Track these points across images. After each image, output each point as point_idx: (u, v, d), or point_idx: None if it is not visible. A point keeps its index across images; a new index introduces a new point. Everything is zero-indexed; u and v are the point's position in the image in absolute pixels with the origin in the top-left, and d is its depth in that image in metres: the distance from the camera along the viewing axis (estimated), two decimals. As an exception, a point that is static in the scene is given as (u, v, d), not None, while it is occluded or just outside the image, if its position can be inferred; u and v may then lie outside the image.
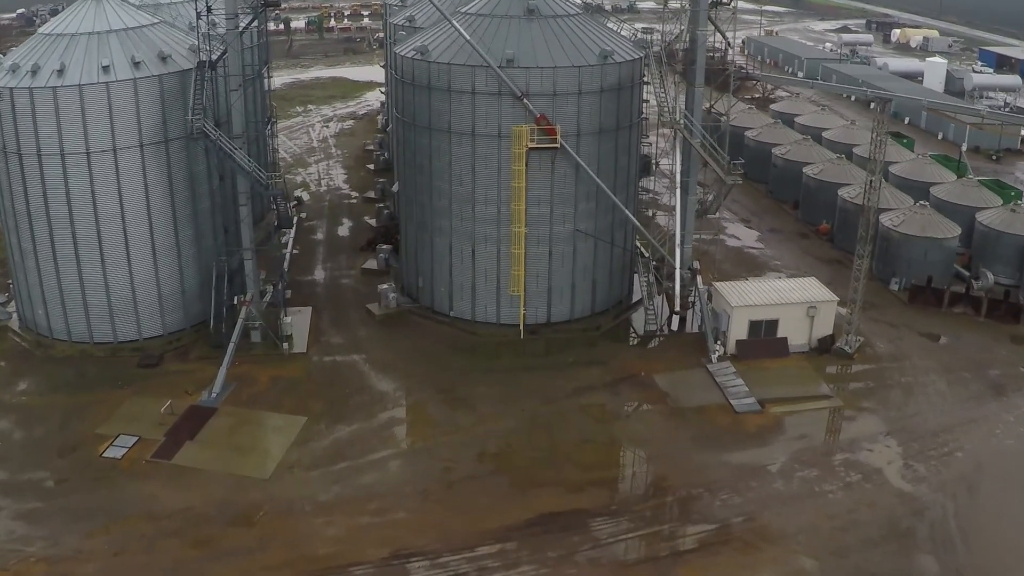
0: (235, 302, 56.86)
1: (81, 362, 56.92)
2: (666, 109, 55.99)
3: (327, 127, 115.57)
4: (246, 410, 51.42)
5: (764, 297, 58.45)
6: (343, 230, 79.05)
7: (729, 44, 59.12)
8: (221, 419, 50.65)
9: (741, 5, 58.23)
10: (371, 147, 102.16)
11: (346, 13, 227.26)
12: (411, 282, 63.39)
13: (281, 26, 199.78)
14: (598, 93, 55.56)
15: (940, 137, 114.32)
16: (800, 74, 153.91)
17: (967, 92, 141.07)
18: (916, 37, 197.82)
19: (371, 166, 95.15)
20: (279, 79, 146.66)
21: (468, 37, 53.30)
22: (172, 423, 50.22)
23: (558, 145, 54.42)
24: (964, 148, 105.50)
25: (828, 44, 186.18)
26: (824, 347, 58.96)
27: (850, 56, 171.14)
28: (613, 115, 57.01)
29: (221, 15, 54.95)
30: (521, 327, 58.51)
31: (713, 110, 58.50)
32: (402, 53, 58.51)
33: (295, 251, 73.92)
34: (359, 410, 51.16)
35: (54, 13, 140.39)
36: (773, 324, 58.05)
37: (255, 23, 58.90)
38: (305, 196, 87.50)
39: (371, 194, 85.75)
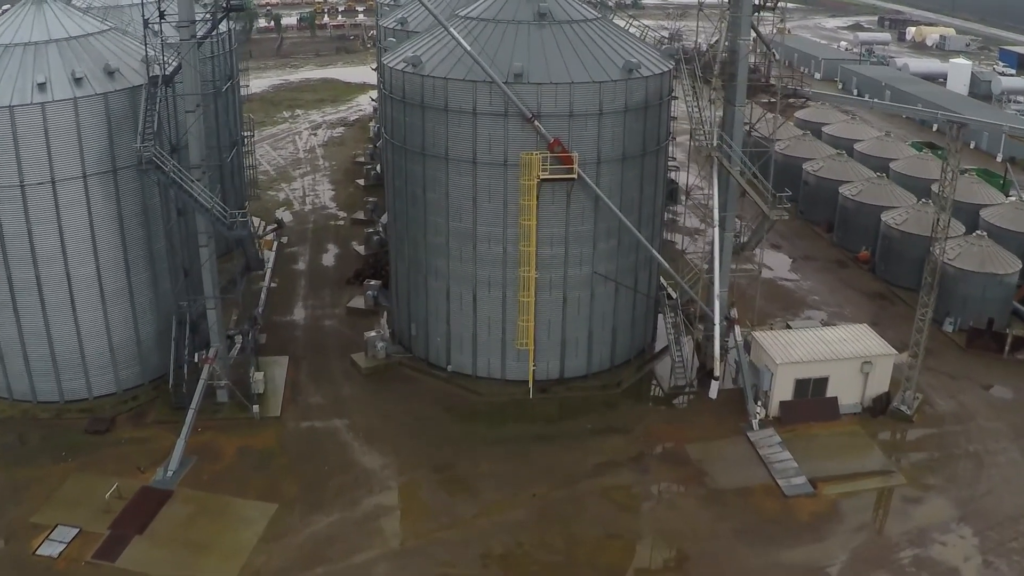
0: (196, 360, 48.72)
1: (22, 425, 48.88)
2: (702, 133, 47.91)
3: (315, 135, 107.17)
4: (207, 494, 43.30)
5: (812, 351, 50.39)
6: (328, 258, 70.83)
7: (774, 56, 51.09)
8: (177, 506, 42.57)
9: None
10: (361, 159, 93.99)
11: (340, 9, 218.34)
12: (403, 328, 55.30)
13: (272, 23, 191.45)
14: (622, 113, 47.35)
15: (972, 146, 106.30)
16: (817, 75, 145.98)
17: (995, 96, 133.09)
18: (932, 35, 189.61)
19: (361, 181, 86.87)
20: (266, 81, 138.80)
21: (468, 47, 45.04)
22: (120, 510, 42.25)
23: (575, 176, 46.24)
24: (1000, 158, 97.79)
25: (843, 43, 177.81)
26: (879, 407, 51.01)
27: (867, 56, 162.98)
28: (639, 138, 48.85)
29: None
30: (530, 385, 50.41)
31: (755, 132, 50.34)
32: (391, 64, 50.22)
33: (273, 284, 65.82)
34: (340, 495, 43.06)
35: None
36: (822, 382, 50.06)
37: (218, 30, 50.80)
38: (288, 217, 79.28)
39: (360, 215, 77.50)
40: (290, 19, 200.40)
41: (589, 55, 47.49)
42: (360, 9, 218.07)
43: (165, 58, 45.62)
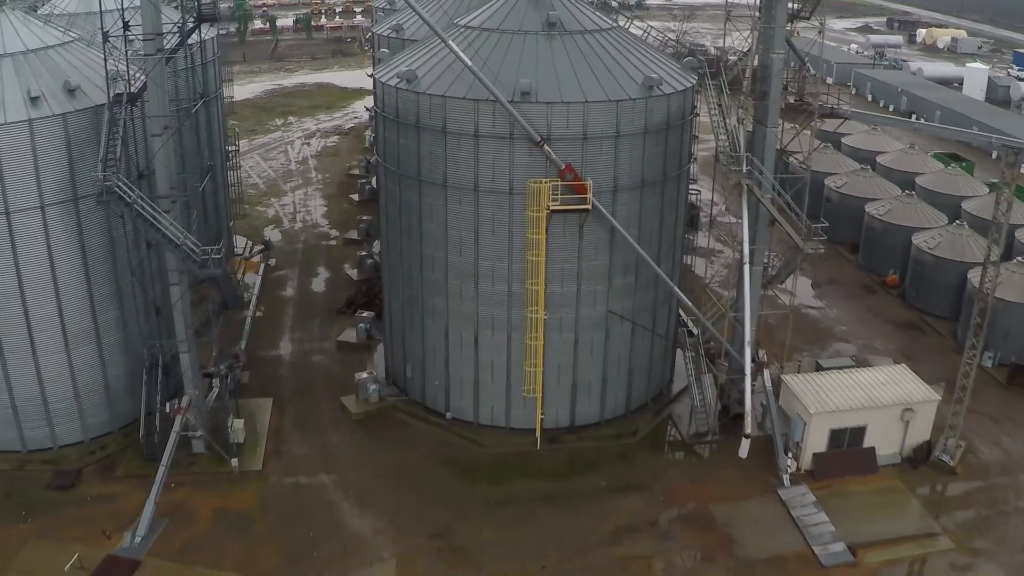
0: (167, 410, 44.00)
1: (-19, 478, 44.40)
2: (730, 157, 43.21)
3: (308, 144, 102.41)
4: (178, 565, 38.55)
5: (848, 398, 45.65)
6: (318, 283, 66.10)
7: (809, 70, 46.40)
8: (143, 579, 38.03)
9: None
10: (356, 171, 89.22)
11: (338, 10, 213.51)
12: (397, 368, 50.59)
13: (267, 25, 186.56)
14: (641, 135, 42.61)
15: (995, 156, 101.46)
16: (829, 80, 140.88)
17: (1013, 102, 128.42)
18: (944, 37, 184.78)
19: (355, 196, 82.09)
20: (259, 85, 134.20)
21: (468, 62, 40.24)
22: (80, 585, 37.76)
23: (589, 206, 41.49)
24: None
25: (854, 46, 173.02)
26: (920, 457, 46.39)
27: (878, 59, 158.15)
28: (659, 162, 44.11)
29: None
30: (537, 435, 45.62)
31: (790, 156, 45.49)
32: (383, 79, 45.43)
33: (259, 313, 61.14)
34: (327, 568, 38.29)
35: None
36: (859, 432, 45.42)
37: (196, 37, 46.11)
38: (276, 236, 74.52)
39: (353, 234, 72.73)
40: (286, 20, 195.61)
41: (604, 70, 42.73)
42: (358, 10, 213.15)
43: (131, 73, 40.92)
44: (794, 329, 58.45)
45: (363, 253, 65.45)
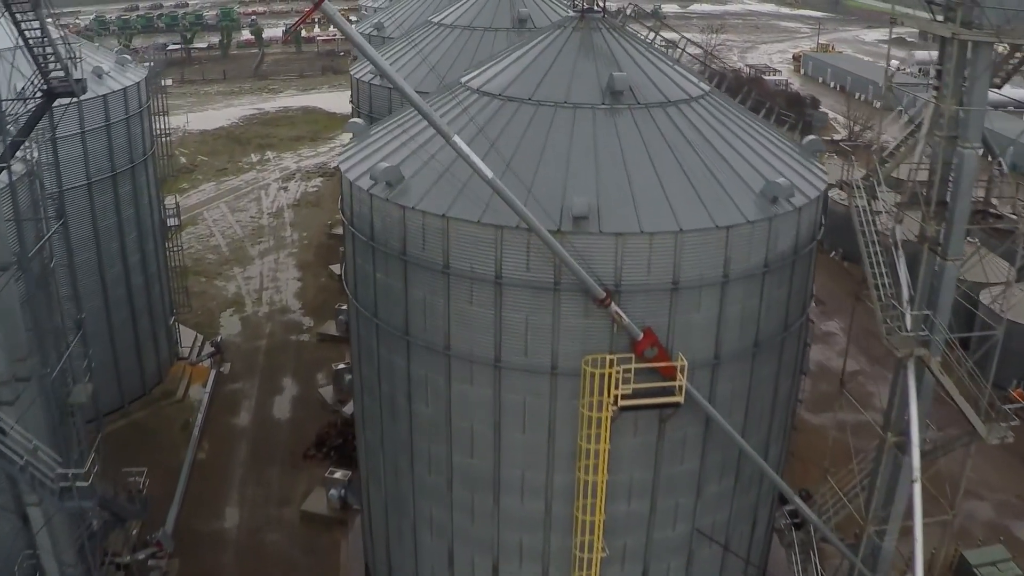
0: None
1: None
2: (891, 311, 27.45)
3: (285, 190, 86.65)
4: None
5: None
6: (282, 404, 50.36)
7: (1001, 168, 30.87)
8: None
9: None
10: (339, 230, 73.52)
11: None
12: (380, 570, 34.94)
13: (252, 37, 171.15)
14: (759, 275, 26.97)
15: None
16: (876, 104, 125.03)
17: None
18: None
19: (336, 268, 66.47)
20: (237, 110, 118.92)
21: (490, 174, 24.44)
22: None
23: (681, 399, 25.82)
24: None
25: (895, 62, 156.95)
26: None
27: (922, 77, 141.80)
28: (780, 311, 28.37)
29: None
30: None
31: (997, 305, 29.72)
32: (350, 174, 29.57)
33: (201, 452, 45.64)
34: None
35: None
36: None
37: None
38: (236, 325, 58.89)
39: (331, 327, 57.05)
40: (275, 31, 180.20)
41: (702, 169, 26.89)
42: (354, 19, 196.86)
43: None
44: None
45: (340, 366, 49.63)
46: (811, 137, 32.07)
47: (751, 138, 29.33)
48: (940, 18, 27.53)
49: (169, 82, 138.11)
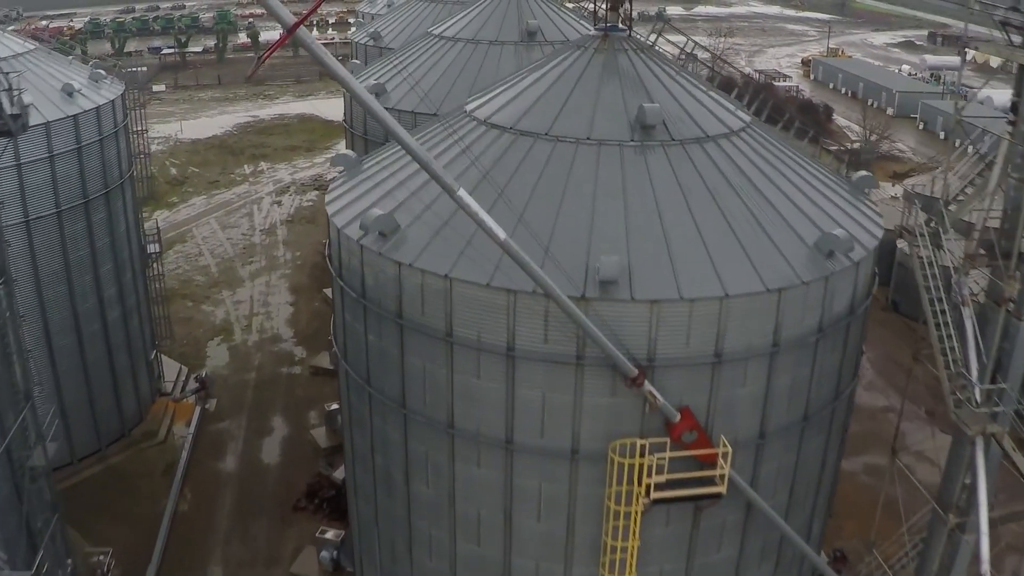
0: None
1: None
2: (961, 387, 23.87)
3: (279, 204, 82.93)
4: None
5: None
6: (271, 447, 46.69)
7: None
8: None
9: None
10: (335, 249, 69.94)
11: (330, 22, 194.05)
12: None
13: (248, 41, 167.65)
14: (812, 342, 23.29)
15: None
16: (890, 111, 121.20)
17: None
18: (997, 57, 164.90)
19: (330, 292, 62.72)
20: (231, 118, 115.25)
21: (502, 235, 20.80)
22: None
23: (722, 490, 22.20)
24: None
25: (906, 67, 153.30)
26: None
27: (934, 83, 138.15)
28: (831, 379, 24.70)
29: None
30: None
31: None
32: (337, 219, 25.89)
33: (184, 502, 42.04)
34: None
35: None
36: None
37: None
38: (224, 356, 55.23)
39: (325, 360, 53.43)
40: (272, 34, 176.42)
41: (748, 218, 23.27)
42: (352, 21, 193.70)
43: None
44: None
45: (334, 406, 46.01)
46: (862, 173, 28.41)
47: (799, 178, 25.70)
48: (1018, 41, 24.12)
49: (163, 88, 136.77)
